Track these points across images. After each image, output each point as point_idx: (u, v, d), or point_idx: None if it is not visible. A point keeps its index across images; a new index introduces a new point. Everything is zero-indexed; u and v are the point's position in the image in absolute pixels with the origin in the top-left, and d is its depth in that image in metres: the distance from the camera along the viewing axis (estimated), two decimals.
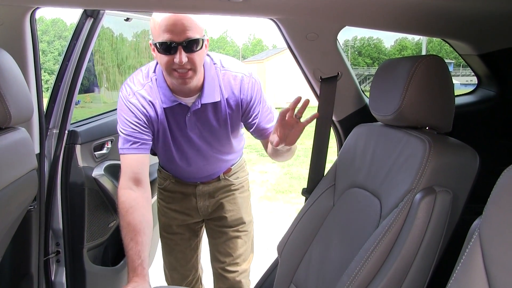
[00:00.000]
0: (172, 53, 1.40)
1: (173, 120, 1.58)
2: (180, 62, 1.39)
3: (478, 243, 0.73)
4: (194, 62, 1.43)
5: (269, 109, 1.65)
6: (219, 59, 1.60)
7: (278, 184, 6.89)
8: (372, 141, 1.41)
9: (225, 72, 1.58)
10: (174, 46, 1.39)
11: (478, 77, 2.02)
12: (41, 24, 44.26)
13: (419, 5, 1.33)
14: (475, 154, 1.21)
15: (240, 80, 1.58)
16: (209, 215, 1.88)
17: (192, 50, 1.41)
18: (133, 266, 1.37)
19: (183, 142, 1.63)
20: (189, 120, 1.58)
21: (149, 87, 1.55)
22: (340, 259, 1.32)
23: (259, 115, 1.62)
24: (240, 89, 1.58)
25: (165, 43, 1.39)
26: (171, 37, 1.38)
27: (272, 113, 1.66)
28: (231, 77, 1.58)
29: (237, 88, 1.57)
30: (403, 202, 1.15)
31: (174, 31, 1.37)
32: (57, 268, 1.97)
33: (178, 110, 1.56)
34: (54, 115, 1.90)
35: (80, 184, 1.95)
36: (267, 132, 1.64)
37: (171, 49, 1.39)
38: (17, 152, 1.28)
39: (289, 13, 1.47)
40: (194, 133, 1.61)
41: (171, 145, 1.63)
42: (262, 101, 1.63)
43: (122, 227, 1.45)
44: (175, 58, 1.40)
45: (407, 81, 1.23)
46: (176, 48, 1.39)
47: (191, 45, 1.40)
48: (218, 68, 1.58)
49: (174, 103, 1.54)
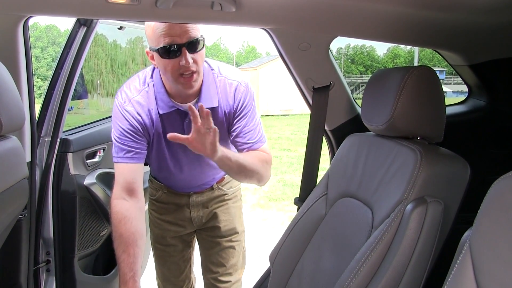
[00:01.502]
0: (175, 56, 1.38)
1: (170, 126, 1.56)
2: (187, 64, 1.37)
3: (468, 254, 0.74)
4: (198, 63, 1.42)
5: (254, 126, 1.59)
6: (217, 66, 1.59)
7: (271, 191, 6.88)
8: (364, 151, 1.41)
9: (221, 79, 1.57)
10: (177, 48, 1.37)
11: (469, 87, 2.05)
12: (35, 30, 44.14)
13: (410, 16, 1.34)
14: (466, 165, 1.22)
15: (235, 87, 1.56)
16: (203, 225, 1.87)
17: (195, 50, 1.40)
18: (124, 279, 1.36)
19: (178, 149, 1.62)
20: (187, 126, 1.56)
21: (145, 92, 1.54)
22: (332, 269, 1.32)
23: (243, 125, 1.57)
24: (234, 97, 1.56)
25: (168, 47, 1.37)
26: (173, 39, 1.36)
27: (254, 131, 1.59)
28: (227, 84, 1.56)
29: (231, 96, 1.56)
30: (395, 212, 1.15)
31: (175, 34, 1.36)
32: (47, 278, 1.94)
33: (176, 115, 1.55)
34: (46, 123, 1.89)
35: (71, 192, 1.94)
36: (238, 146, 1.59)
37: (174, 53, 1.38)
38: (8, 161, 1.27)
39: (282, 24, 1.48)
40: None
41: (166, 152, 1.62)
42: (251, 113, 1.58)
43: (114, 238, 1.43)
44: (180, 61, 1.38)
45: (398, 91, 1.24)
46: (179, 51, 1.37)
47: (194, 45, 1.39)
48: (216, 74, 1.57)
49: (172, 109, 1.53)
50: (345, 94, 1.80)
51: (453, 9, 1.26)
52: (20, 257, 1.70)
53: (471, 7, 1.22)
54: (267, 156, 1.58)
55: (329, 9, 1.32)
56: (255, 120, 1.60)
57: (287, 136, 13.79)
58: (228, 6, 1.19)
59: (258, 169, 1.52)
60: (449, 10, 1.27)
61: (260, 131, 1.61)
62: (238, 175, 1.52)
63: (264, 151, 1.59)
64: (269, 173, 1.59)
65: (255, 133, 1.58)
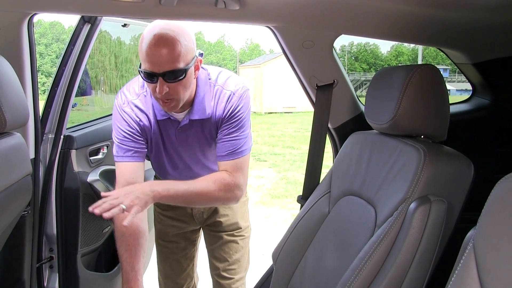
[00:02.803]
0: (154, 82, 1.36)
1: (165, 132, 1.57)
2: (160, 93, 1.35)
3: (472, 254, 0.74)
4: (177, 92, 1.39)
5: (238, 137, 1.52)
6: (216, 74, 1.55)
7: (274, 189, 6.89)
8: (367, 149, 1.41)
9: (218, 88, 1.53)
10: (155, 76, 1.35)
11: (472, 86, 2.04)
12: (39, 27, 44.23)
13: (414, 15, 1.34)
14: (469, 163, 1.22)
15: (228, 96, 1.52)
16: (205, 222, 1.87)
17: (173, 80, 1.36)
18: (127, 278, 1.37)
19: (174, 154, 1.63)
20: (179, 135, 1.57)
21: (143, 97, 1.54)
22: (335, 267, 1.32)
23: (225, 133, 1.52)
24: (225, 106, 1.52)
25: (146, 72, 1.35)
26: (151, 67, 1.33)
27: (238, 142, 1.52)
28: (221, 94, 1.53)
29: (223, 105, 1.52)
30: (398, 211, 1.15)
31: (154, 62, 1.33)
32: (50, 274, 1.95)
33: (169, 123, 1.55)
34: (50, 120, 1.89)
35: (75, 189, 1.94)
36: (217, 152, 1.55)
37: (152, 78, 1.36)
38: (12, 157, 1.27)
39: (285, 21, 1.48)
40: (183, 147, 1.60)
41: (163, 155, 1.63)
42: (238, 123, 1.52)
43: (116, 237, 1.44)
44: (155, 88, 1.36)
45: (402, 90, 1.24)
46: (156, 78, 1.35)
47: (172, 76, 1.35)
48: (212, 84, 1.54)
49: (164, 117, 1.53)
50: (348, 92, 1.80)
51: (457, 7, 1.25)
52: (24, 254, 1.71)
53: (475, 5, 1.21)
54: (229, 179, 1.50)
55: (333, 7, 1.32)
56: (242, 132, 1.53)
57: (290, 134, 13.80)
58: (232, 3, 1.19)
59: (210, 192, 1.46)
60: (453, 8, 1.26)
61: (245, 144, 1.54)
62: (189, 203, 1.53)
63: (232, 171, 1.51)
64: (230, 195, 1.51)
65: (238, 145, 1.52)
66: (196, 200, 1.47)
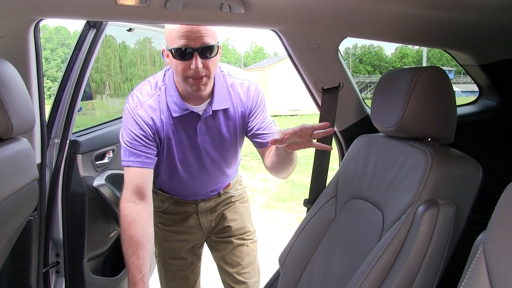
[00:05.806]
0: (187, 59, 1.40)
1: (182, 130, 1.57)
2: (196, 68, 1.39)
3: (483, 258, 0.73)
4: (209, 69, 1.43)
5: (270, 119, 1.67)
6: (226, 68, 1.62)
7: (280, 192, 6.86)
8: (374, 152, 1.40)
9: (232, 79, 1.59)
10: (190, 52, 1.39)
11: (479, 87, 2.02)
12: (44, 32, 44.57)
13: (419, 16, 1.33)
14: (477, 166, 1.20)
15: (247, 87, 1.60)
16: (213, 230, 1.85)
17: (207, 56, 1.41)
18: (133, 281, 1.36)
19: (189, 154, 1.61)
20: (200, 129, 1.57)
21: (157, 96, 1.55)
22: (343, 272, 1.31)
23: (261, 121, 1.63)
24: (247, 96, 1.60)
25: (181, 49, 1.39)
26: (187, 43, 1.38)
27: (272, 123, 1.66)
28: (238, 84, 1.59)
29: (244, 94, 1.59)
30: (406, 214, 1.14)
31: (190, 37, 1.38)
32: (56, 279, 1.95)
33: (189, 118, 1.56)
34: (56, 125, 1.90)
35: (81, 193, 1.95)
36: (267, 138, 1.61)
37: (186, 55, 1.39)
38: (19, 163, 1.28)
39: (291, 24, 1.48)
40: (203, 143, 1.60)
41: (176, 157, 1.61)
42: (265, 110, 1.65)
43: (123, 240, 1.44)
44: (191, 65, 1.40)
45: (408, 92, 1.23)
46: (191, 54, 1.39)
47: (207, 52, 1.40)
48: (226, 76, 1.59)
49: (185, 112, 1.53)
50: (354, 95, 1.79)
51: (463, 9, 1.25)
52: (31, 259, 1.71)
53: (481, 6, 1.21)
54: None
55: (338, 9, 1.32)
56: (267, 113, 1.67)
57: None
58: (237, 7, 1.19)
59: (294, 164, 1.59)
60: (459, 10, 1.25)
61: (272, 120, 1.67)
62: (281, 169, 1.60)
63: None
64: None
65: (272, 124, 1.65)
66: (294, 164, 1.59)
